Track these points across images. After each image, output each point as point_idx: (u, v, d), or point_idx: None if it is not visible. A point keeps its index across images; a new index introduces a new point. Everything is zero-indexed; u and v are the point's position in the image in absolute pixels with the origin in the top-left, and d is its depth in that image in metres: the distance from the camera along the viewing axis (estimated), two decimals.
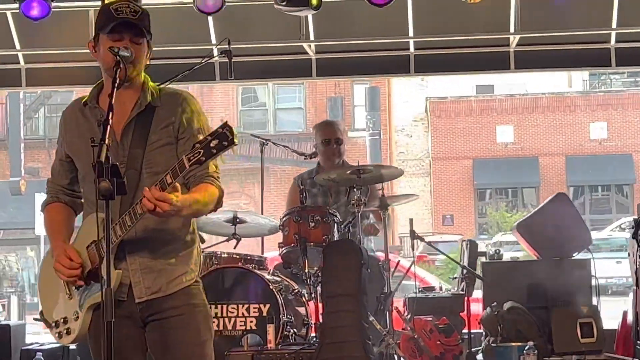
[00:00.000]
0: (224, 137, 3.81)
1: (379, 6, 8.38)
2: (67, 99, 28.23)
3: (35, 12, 8.49)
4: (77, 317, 4.19)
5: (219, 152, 3.82)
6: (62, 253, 4.16)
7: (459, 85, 36.43)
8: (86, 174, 4.22)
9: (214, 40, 9.91)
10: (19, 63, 10.27)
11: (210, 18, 9.84)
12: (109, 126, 3.86)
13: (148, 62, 4.35)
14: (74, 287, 4.20)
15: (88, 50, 4.34)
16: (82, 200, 4.38)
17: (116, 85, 4.03)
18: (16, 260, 27.93)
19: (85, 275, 4.15)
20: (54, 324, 4.29)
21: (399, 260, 9.76)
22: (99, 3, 8.48)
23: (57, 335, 4.28)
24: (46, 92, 30.78)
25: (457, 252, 22.95)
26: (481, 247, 8.69)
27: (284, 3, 8.31)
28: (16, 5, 8.57)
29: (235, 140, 3.81)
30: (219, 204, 4.25)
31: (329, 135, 8.27)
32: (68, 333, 4.23)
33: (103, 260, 4.06)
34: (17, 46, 10.09)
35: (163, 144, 4.20)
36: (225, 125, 3.84)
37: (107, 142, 3.79)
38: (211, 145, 3.82)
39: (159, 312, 4.20)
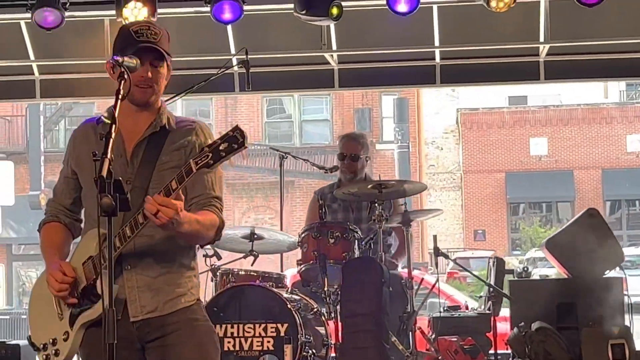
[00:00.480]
0: (234, 140, 3.76)
1: (403, 15, 8.27)
2: (88, 110, 28.35)
3: (48, 21, 8.46)
4: (67, 338, 4.12)
5: (228, 155, 3.76)
6: (56, 267, 4.11)
7: (491, 96, 36.33)
8: (89, 190, 4.18)
9: (233, 51, 9.86)
10: (33, 74, 10.26)
11: (229, 27, 9.79)
12: (111, 140, 3.79)
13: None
14: (65, 306, 4.14)
15: (104, 61, 4.29)
16: (82, 223, 4.34)
17: (120, 97, 3.97)
18: (37, 276, 27.98)
19: (79, 292, 4.10)
20: (41, 347, 4.21)
21: (422, 278, 9.65)
22: (114, 12, 8.47)
23: (44, 358, 4.18)
24: (67, 104, 30.88)
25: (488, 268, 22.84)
26: (514, 263, 8.57)
27: (303, 12, 8.24)
28: (30, 15, 8.54)
29: (246, 143, 3.74)
30: (218, 234, 4.20)
31: (345, 150, 8.17)
32: (56, 355, 4.15)
33: (99, 277, 4.02)
34: (32, 57, 10.08)
35: (173, 165, 4.14)
36: (236, 128, 3.79)
37: (109, 156, 3.73)
38: (220, 148, 3.77)
39: (157, 332, 4.13)
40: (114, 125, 3.85)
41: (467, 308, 8.65)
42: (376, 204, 7.40)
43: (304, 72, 10.23)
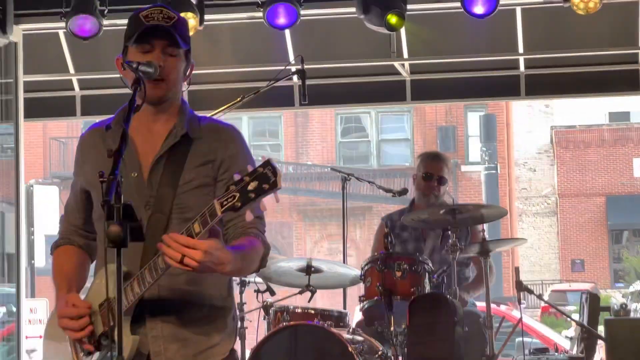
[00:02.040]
0: (265, 179, 3.39)
1: (480, 17, 7.94)
2: None
3: (85, 30, 8.29)
4: None
5: (258, 197, 3.40)
6: (65, 305, 3.81)
7: (589, 112, 35.71)
8: (102, 214, 3.87)
9: (292, 60, 9.63)
10: (73, 89, 10.12)
11: (287, 35, 9.58)
12: (121, 159, 3.49)
13: (187, 84, 4.00)
14: (82, 354, 3.85)
15: None
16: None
17: (134, 108, 3.68)
18: None
19: (97, 339, 3.80)
20: None
21: (503, 317, 9.26)
22: None
23: None
24: None
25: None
26: (617, 297, 8.21)
27: (362, 16, 7.98)
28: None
29: (279, 183, 3.39)
30: (263, 263, 3.86)
31: (432, 170, 7.82)
32: None
33: (113, 328, 3.74)
34: (71, 70, 9.95)
35: (198, 184, 3.85)
36: (267, 164, 3.41)
37: (118, 177, 3.44)
38: (249, 188, 3.40)
39: None
40: (124, 143, 3.55)
41: (556, 350, 8.23)
42: (449, 232, 7.05)
43: (372, 84, 9.95)
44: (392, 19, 7.90)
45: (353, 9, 8.12)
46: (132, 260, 3.74)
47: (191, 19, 8.10)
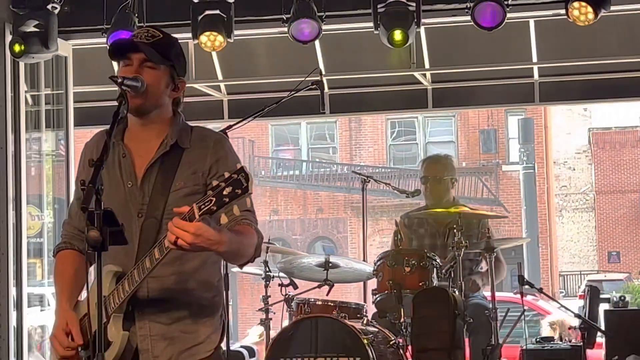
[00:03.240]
0: (238, 185, 3.36)
1: (488, 29, 7.77)
2: None
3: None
4: None
5: (232, 200, 3.37)
6: (62, 326, 3.75)
7: (624, 114, 35.18)
8: None
9: (323, 71, 9.53)
10: None
11: (317, 48, 9.50)
12: (101, 169, 3.44)
13: (180, 97, 3.93)
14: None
15: (189, 84, 3.95)
16: None
17: (117, 120, 3.62)
18: None
19: (91, 336, 3.73)
20: None
21: (508, 309, 9.03)
22: (189, 35, 8.20)
23: None
24: None
25: (622, 291, 21.94)
26: None
27: (376, 32, 7.87)
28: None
29: (250, 189, 3.35)
30: (257, 252, 3.77)
31: (428, 173, 7.70)
32: None
33: (109, 321, 3.71)
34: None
35: (188, 192, 3.76)
36: (240, 170, 3.38)
37: (97, 185, 3.39)
38: (224, 193, 3.36)
39: None
40: (105, 154, 3.50)
41: (560, 339, 8.04)
42: (455, 230, 6.92)
43: (395, 92, 9.82)
44: (396, 35, 7.78)
45: (371, 24, 7.99)
46: (127, 262, 3.71)
47: (219, 36, 8.03)
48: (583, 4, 7.52)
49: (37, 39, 7.84)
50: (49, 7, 7.90)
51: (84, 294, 3.86)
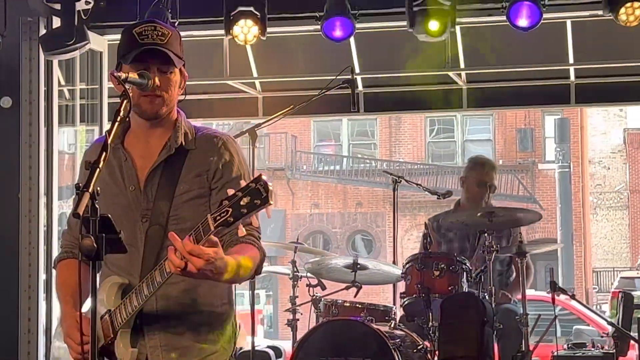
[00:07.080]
0: (257, 195, 2.97)
1: (524, 30, 7.33)
2: None
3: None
4: None
5: (250, 212, 2.99)
6: (74, 325, 3.41)
7: None
8: None
9: (357, 70, 9.16)
10: None
11: (353, 47, 9.12)
12: (97, 172, 3.05)
13: (182, 95, 3.56)
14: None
15: (224, 82, 3.58)
16: None
17: (118, 120, 3.23)
18: None
19: (97, 351, 3.38)
20: None
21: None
22: (222, 31, 7.84)
23: None
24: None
25: None
26: None
27: (411, 30, 7.46)
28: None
29: (270, 199, 2.96)
30: (258, 270, 3.42)
31: (487, 179, 7.29)
32: None
33: (117, 335, 3.36)
34: None
35: (194, 195, 3.43)
36: (259, 179, 2.98)
37: (94, 190, 3.00)
38: (241, 203, 2.98)
39: None
40: (104, 154, 3.11)
41: (593, 345, 7.56)
42: (485, 234, 6.51)
43: (430, 92, 9.40)
44: (433, 25, 7.34)
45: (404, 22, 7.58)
46: (132, 271, 3.41)
47: (253, 27, 7.64)
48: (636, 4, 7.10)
49: (66, 35, 7.49)
50: (82, 1, 7.55)
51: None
